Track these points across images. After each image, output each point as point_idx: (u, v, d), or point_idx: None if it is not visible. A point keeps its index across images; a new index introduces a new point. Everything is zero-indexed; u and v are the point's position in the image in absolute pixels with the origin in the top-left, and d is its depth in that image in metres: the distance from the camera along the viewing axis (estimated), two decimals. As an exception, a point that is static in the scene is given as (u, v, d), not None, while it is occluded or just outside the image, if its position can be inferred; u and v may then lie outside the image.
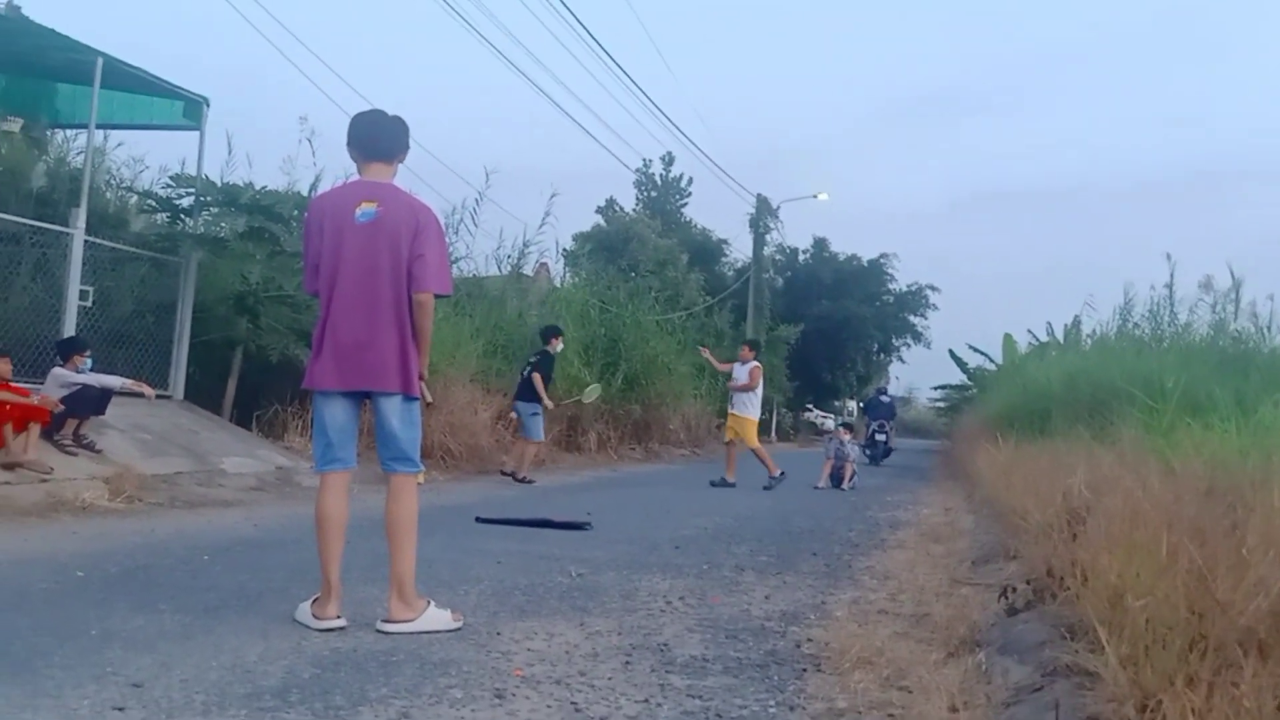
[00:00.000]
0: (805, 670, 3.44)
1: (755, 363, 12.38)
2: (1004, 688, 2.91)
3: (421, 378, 3.86)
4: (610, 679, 3.21)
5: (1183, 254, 14.72)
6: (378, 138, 3.86)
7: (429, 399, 4.02)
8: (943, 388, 38.73)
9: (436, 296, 3.80)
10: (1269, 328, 10.18)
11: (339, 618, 3.67)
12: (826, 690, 3.17)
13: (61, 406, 7.38)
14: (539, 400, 11.27)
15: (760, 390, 12.43)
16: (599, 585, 4.89)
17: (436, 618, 3.73)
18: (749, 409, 12.30)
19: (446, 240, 3.88)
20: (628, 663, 3.43)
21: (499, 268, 17.66)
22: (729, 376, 12.69)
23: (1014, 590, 4.06)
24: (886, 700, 3.00)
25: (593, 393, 13.87)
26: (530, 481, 11.06)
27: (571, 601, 4.45)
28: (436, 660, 3.31)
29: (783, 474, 12.24)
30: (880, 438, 21.14)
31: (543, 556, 5.65)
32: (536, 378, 11.24)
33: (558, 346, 11.86)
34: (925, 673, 3.15)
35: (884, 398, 23.93)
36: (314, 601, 3.74)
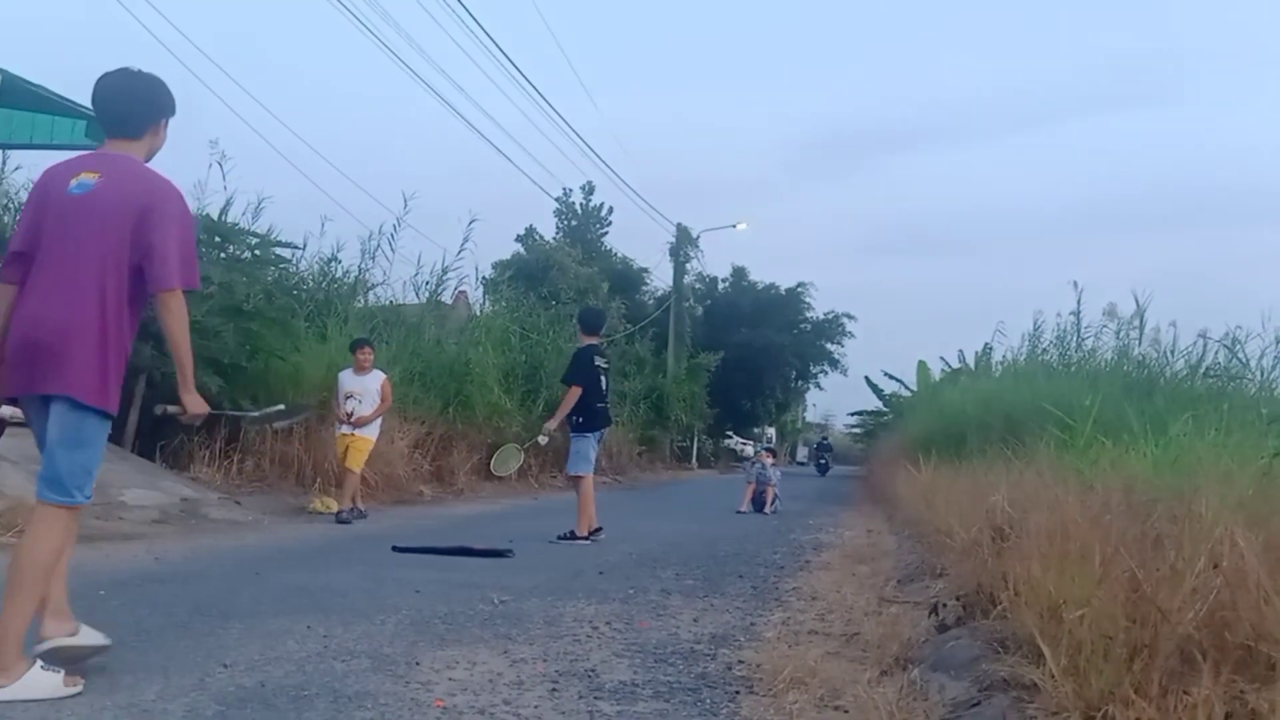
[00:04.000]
0: (738, 693, 3.34)
1: (380, 372, 9.83)
2: (941, 704, 2.85)
3: (179, 404, 3.26)
4: (537, 707, 3.06)
5: (1089, 285, 15.08)
6: (114, 111, 3.18)
7: (200, 415, 3.31)
8: (859, 414, 39.49)
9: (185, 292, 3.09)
10: (1171, 352, 10.48)
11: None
12: (760, 712, 3.07)
13: None
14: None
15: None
16: (522, 612, 4.73)
17: (41, 682, 2.91)
18: (373, 428, 9.58)
19: (191, 221, 3.23)
20: (554, 690, 3.29)
21: (417, 295, 17.35)
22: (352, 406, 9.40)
23: (944, 606, 4.03)
24: (823, 721, 2.92)
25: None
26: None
27: (494, 629, 4.28)
28: (352, 693, 3.12)
29: (365, 512, 9.45)
30: (822, 462, 38.06)
31: (463, 584, 5.46)
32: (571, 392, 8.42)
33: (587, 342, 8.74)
34: (860, 691, 3.08)
35: (825, 441, 42.68)
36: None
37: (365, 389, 9.51)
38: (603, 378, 8.58)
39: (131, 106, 3.19)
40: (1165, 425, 6.67)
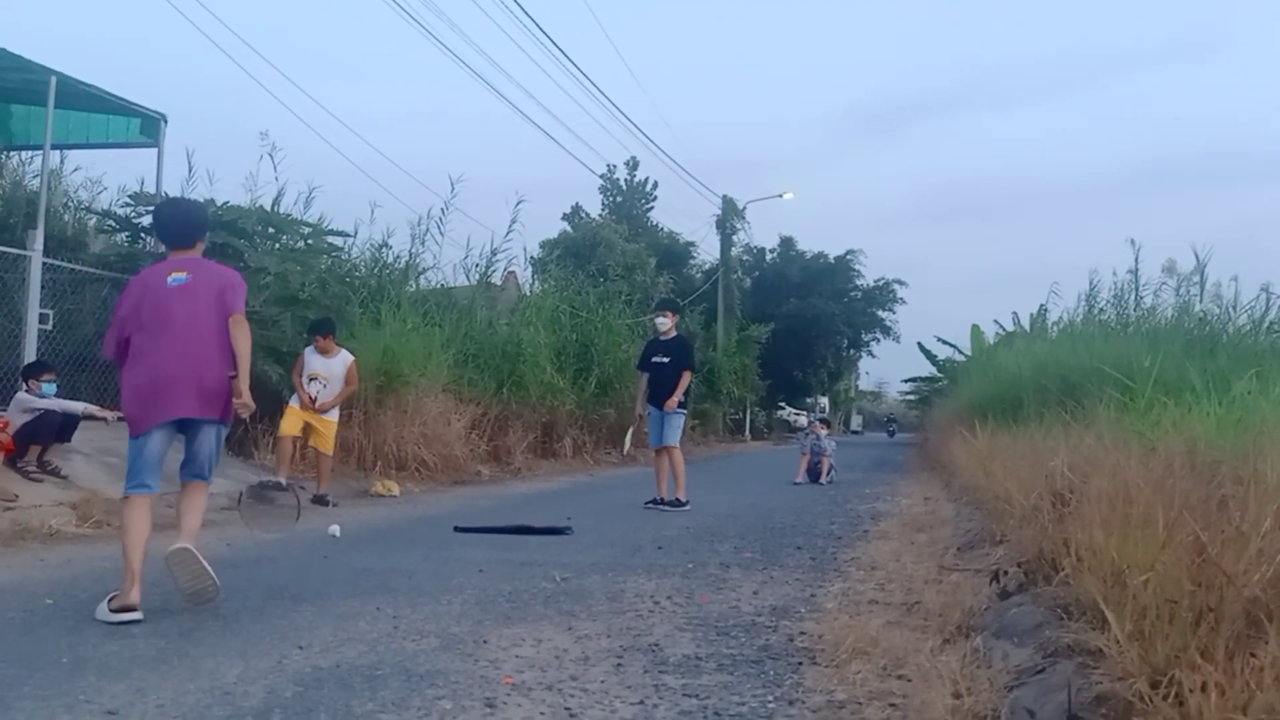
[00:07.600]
0: (801, 664, 3.38)
1: (347, 353, 9.42)
2: (1005, 671, 2.86)
3: (238, 396, 4.28)
4: (603, 682, 3.13)
5: (1147, 244, 14.78)
6: (183, 230, 4.47)
7: (251, 408, 4.43)
8: (913, 380, 39.14)
9: None
10: (1233, 308, 10.21)
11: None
12: (824, 683, 3.11)
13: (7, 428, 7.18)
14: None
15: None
16: (584, 589, 4.81)
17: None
18: (335, 411, 9.34)
19: (245, 289, 4.49)
20: (620, 665, 3.35)
21: (467, 277, 17.50)
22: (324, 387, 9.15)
23: (1005, 574, 4.02)
24: (887, 690, 2.95)
25: None
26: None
27: (557, 606, 4.36)
28: (423, 672, 3.21)
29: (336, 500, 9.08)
30: (891, 430, 50.29)
31: (525, 563, 5.56)
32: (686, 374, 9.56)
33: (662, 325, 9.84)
34: (923, 660, 3.10)
35: (892, 415, 58.49)
36: (112, 597, 3.95)
37: (331, 372, 9.17)
38: None
39: (189, 229, 4.50)
40: (1228, 384, 6.55)
